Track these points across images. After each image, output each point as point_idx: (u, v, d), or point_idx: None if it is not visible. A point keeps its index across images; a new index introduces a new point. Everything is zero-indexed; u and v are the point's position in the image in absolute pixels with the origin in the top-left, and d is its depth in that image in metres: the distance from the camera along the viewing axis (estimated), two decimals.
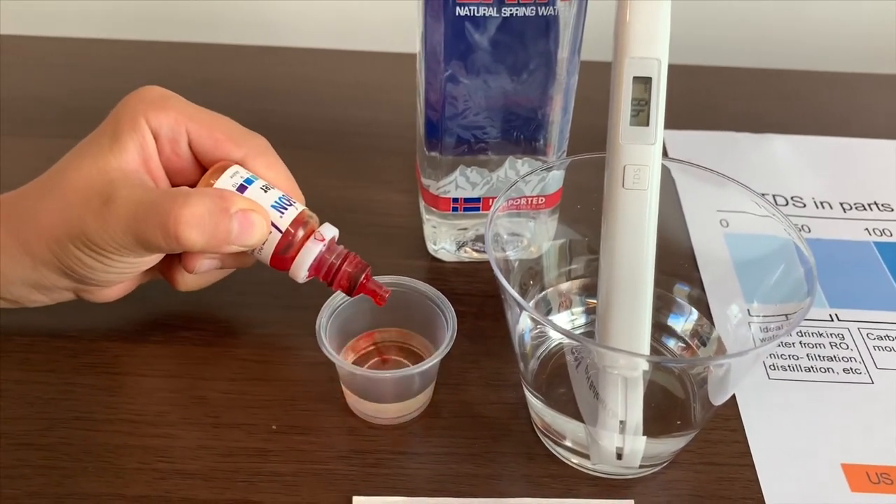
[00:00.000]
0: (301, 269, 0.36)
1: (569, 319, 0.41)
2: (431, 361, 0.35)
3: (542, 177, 0.40)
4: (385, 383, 0.36)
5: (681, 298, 0.40)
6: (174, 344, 0.40)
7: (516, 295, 0.32)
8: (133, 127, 0.36)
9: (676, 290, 0.40)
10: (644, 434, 0.34)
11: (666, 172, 0.37)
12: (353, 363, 0.39)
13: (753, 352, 0.31)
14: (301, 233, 0.36)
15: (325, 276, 0.37)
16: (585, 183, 0.37)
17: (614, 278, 0.34)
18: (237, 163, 0.37)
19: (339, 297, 0.38)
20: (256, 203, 0.35)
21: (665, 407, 0.36)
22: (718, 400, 0.35)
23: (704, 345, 0.39)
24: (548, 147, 0.42)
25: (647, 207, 0.33)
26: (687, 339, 0.39)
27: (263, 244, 0.36)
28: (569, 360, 0.37)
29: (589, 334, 0.38)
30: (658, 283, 0.34)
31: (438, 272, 0.46)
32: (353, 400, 0.37)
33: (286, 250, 0.36)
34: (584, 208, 0.39)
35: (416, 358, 0.39)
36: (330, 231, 0.37)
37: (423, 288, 0.38)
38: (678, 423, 0.37)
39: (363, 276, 0.36)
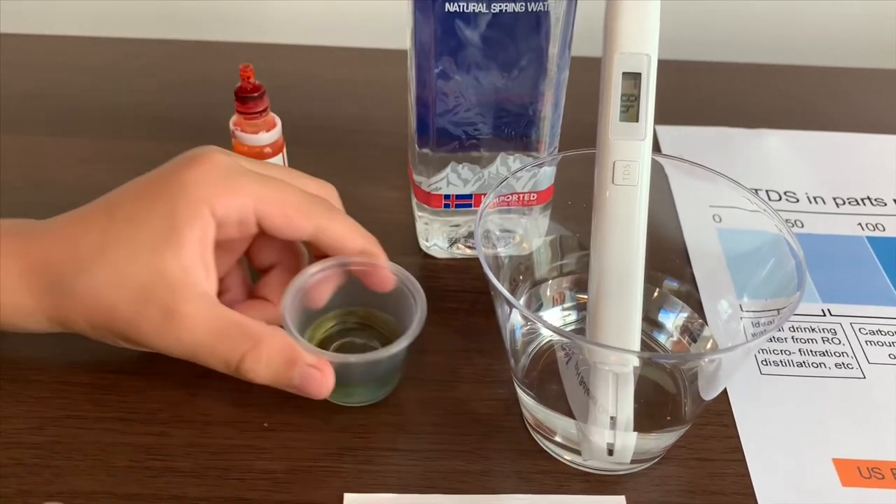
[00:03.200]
0: None
1: (560, 315, 0.41)
2: (398, 346, 0.34)
3: (534, 173, 0.40)
4: (353, 367, 0.35)
5: (672, 294, 0.40)
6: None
7: (506, 292, 0.32)
8: (195, 216, 0.34)
9: (667, 285, 0.40)
10: (635, 430, 0.34)
11: (659, 168, 0.38)
12: (319, 344, 0.38)
13: (744, 346, 0.31)
14: None
15: None
16: (577, 179, 0.37)
17: (605, 274, 0.34)
18: (311, 235, 0.36)
19: (304, 276, 0.37)
20: (322, 360, 0.34)
21: (656, 402, 0.36)
22: (709, 395, 0.35)
23: (695, 340, 0.39)
24: (539, 143, 0.42)
25: (638, 203, 0.33)
26: (677, 334, 0.39)
27: None
28: (559, 357, 0.37)
29: (580, 330, 0.38)
30: (649, 278, 0.34)
31: (431, 269, 0.45)
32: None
33: None
34: (575, 204, 0.39)
35: (385, 341, 0.37)
36: None
37: (392, 268, 0.37)
38: (669, 418, 0.37)
39: None
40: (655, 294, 0.40)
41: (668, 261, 0.40)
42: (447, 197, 0.43)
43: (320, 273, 0.37)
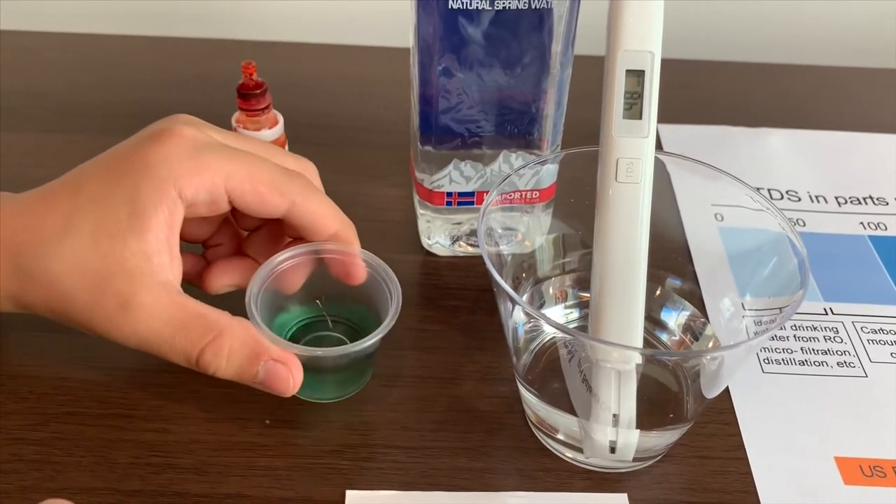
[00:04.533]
0: None
1: (562, 313, 0.41)
2: (371, 339, 0.33)
3: (536, 171, 0.40)
4: (322, 362, 0.34)
5: (674, 292, 0.40)
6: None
7: (509, 289, 0.32)
8: (160, 198, 0.32)
9: (670, 283, 0.40)
10: (637, 427, 0.34)
11: (661, 166, 0.38)
12: (287, 336, 0.37)
13: (746, 344, 0.31)
14: None
15: None
16: (579, 177, 0.37)
17: (607, 272, 0.34)
18: (285, 212, 0.34)
19: (271, 264, 0.35)
20: (289, 354, 0.33)
21: (658, 400, 0.36)
22: (712, 393, 0.35)
23: (697, 339, 0.39)
24: (542, 141, 0.42)
25: (641, 201, 0.33)
26: (680, 332, 0.39)
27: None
28: (562, 354, 0.37)
29: (582, 328, 0.38)
30: (651, 276, 0.34)
31: (433, 267, 0.45)
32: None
33: None
34: (577, 202, 0.39)
35: (357, 334, 0.36)
36: None
37: (366, 257, 0.36)
38: (671, 416, 0.37)
39: None
40: (658, 292, 0.40)
41: (670, 259, 0.40)
42: (449, 194, 0.43)
43: (290, 260, 0.35)
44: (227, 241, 0.38)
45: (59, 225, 0.33)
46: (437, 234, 0.46)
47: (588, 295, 0.35)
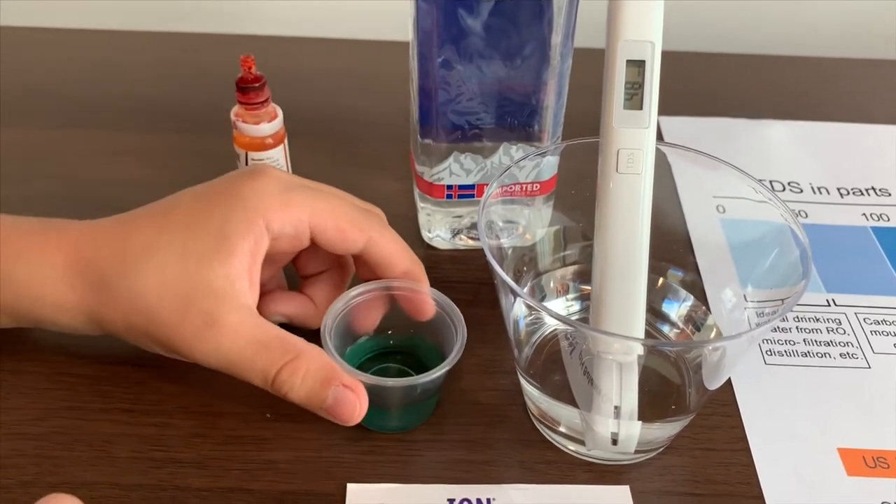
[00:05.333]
0: None
1: (563, 306, 0.40)
2: (438, 372, 0.34)
3: (537, 162, 0.40)
4: (387, 391, 0.35)
5: (676, 284, 0.40)
6: None
7: (510, 281, 0.32)
8: (248, 227, 0.34)
9: (671, 275, 0.40)
10: (639, 419, 0.34)
11: (662, 157, 0.37)
12: (356, 367, 0.37)
13: (748, 334, 0.31)
14: None
15: None
16: (580, 169, 0.37)
17: (608, 263, 0.34)
18: (362, 248, 0.36)
19: (345, 298, 0.37)
20: (358, 383, 0.34)
21: (660, 392, 0.36)
22: (714, 384, 0.34)
23: (699, 330, 0.39)
24: (542, 133, 0.42)
25: (641, 192, 0.33)
26: (681, 324, 0.39)
27: None
28: (563, 346, 0.37)
29: (584, 321, 0.38)
30: (653, 268, 0.34)
31: (433, 260, 0.45)
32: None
33: None
34: (578, 194, 0.39)
35: (423, 367, 0.36)
36: None
37: (433, 294, 0.37)
38: (673, 407, 0.37)
39: None
40: (659, 284, 0.40)
41: (671, 250, 0.40)
42: (449, 187, 0.43)
43: (362, 296, 0.37)
44: (273, 289, 0.39)
45: (145, 244, 0.34)
46: (438, 228, 0.45)
47: (589, 288, 0.35)
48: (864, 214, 0.49)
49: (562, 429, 0.36)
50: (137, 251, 0.34)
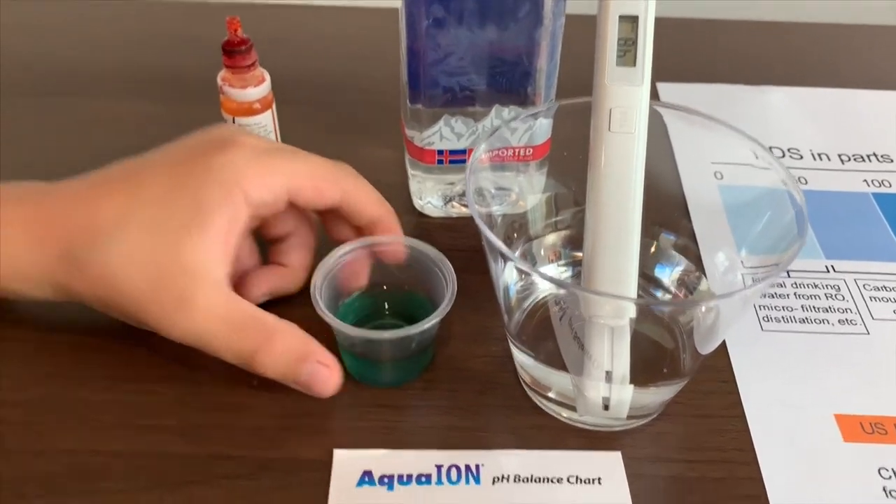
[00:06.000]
0: None
1: (555, 272, 0.40)
2: (429, 323, 0.34)
3: (529, 125, 0.39)
4: (382, 344, 0.35)
5: (670, 248, 0.39)
6: None
7: (500, 243, 0.31)
8: (224, 201, 0.33)
9: (665, 239, 0.39)
10: (631, 384, 0.33)
11: (658, 119, 0.36)
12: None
13: (741, 293, 0.31)
14: None
15: None
16: (573, 133, 0.36)
17: (600, 225, 0.33)
18: (337, 202, 0.36)
19: (333, 257, 0.36)
20: (331, 358, 0.34)
21: (653, 357, 0.36)
22: (707, 348, 0.34)
23: (693, 294, 0.38)
24: (535, 96, 0.41)
25: (635, 151, 0.32)
26: (675, 289, 0.38)
27: None
28: (553, 313, 0.36)
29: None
30: (646, 232, 0.33)
31: (425, 228, 0.45)
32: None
33: None
34: (571, 158, 0.38)
35: (415, 321, 0.36)
36: None
37: (421, 247, 0.37)
38: (665, 372, 0.36)
39: None
40: (653, 248, 0.39)
41: (666, 214, 0.39)
42: (440, 152, 0.42)
43: (350, 254, 0.37)
44: (245, 257, 0.38)
45: (116, 216, 0.33)
46: (429, 195, 0.45)
47: (580, 254, 0.34)
48: (865, 181, 0.48)
49: (553, 395, 0.35)
50: (108, 223, 0.33)
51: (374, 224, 0.37)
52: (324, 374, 0.33)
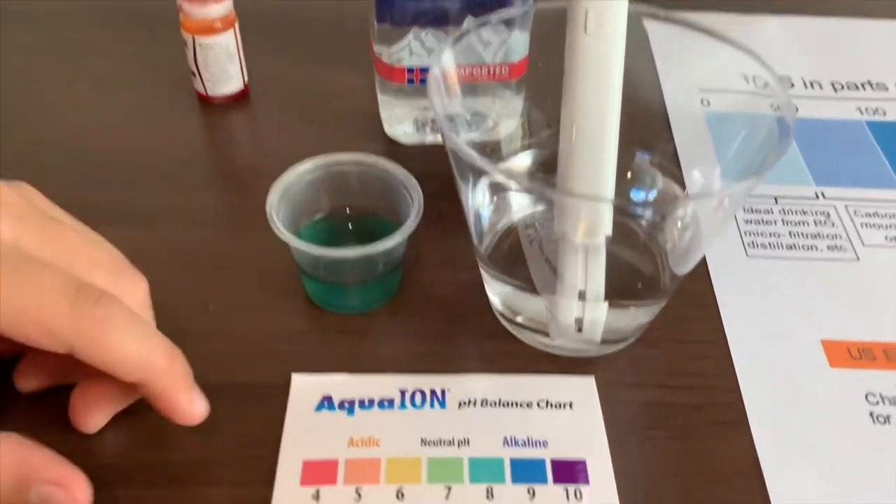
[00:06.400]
0: None
1: (527, 198, 0.38)
2: (395, 240, 0.32)
3: (504, 38, 0.37)
4: (345, 264, 0.33)
5: (650, 166, 0.37)
6: (103, 225, 0.37)
7: (471, 152, 0.29)
8: None
9: (644, 157, 0.37)
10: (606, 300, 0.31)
11: (636, 21, 0.34)
12: None
13: (720, 195, 0.28)
14: None
15: None
16: (551, 52, 0.33)
17: (576, 134, 0.31)
18: (65, 352, 0.26)
19: (291, 175, 0.34)
20: (72, 475, 0.26)
21: (628, 278, 0.34)
22: (685, 267, 0.32)
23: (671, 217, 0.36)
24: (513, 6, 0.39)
25: (612, 57, 0.30)
26: (652, 213, 0.36)
27: None
28: (523, 237, 0.34)
29: (550, 211, 0.35)
30: (624, 150, 0.31)
31: (396, 156, 0.41)
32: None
33: None
34: (546, 77, 0.35)
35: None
36: None
37: (386, 166, 0.35)
38: (641, 289, 0.34)
39: None
40: (630, 172, 0.36)
41: (645, 129, 0.37)
42: (410, 70, 0.40)
43: (311, 173, 0.34)
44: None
45: None
46: (402, 122, 0.42)
47: (555, 177, 0.32)
48: (858, 109, 0.46)
49: (524, 321, 0.33)
50: None
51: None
52: (58, 497, 0.25)
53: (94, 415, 0.30)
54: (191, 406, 0.28)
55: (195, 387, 0.29)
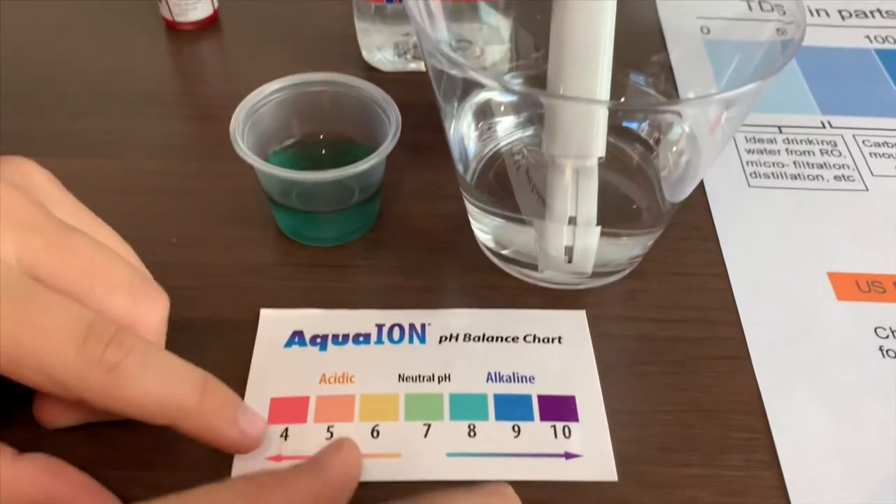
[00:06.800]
0: None
1: (513, 123, 0.35)
2: (371, 161, 0.29)
3: None
4: (318, 189, 0.31)
5: (644, 88, 0.34)
6: (66, 156, 0.35)
7: (456, 59, 0.26)
8: None
9: (637, 80, 0.34)
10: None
11: None
12: None
13: (716, 97, 0.26)
14: None
15: None
16: None
17: (568, 48, 0.28)
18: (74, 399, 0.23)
19: (258, 95, 0.32)
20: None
21: (621, 206, 0.31)
22: (682, 194, 0.30)
23: (667, 134, 0.34)
24: None
25: None
26: (646, 137, 0.34)
27: None
28: (509, 164, 0.32)
29: (538, 144, 0.32)
30: (618, 74, 0.29)
31: (376, 83, 0.39)
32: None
33: None
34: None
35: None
36: None
37: (361, 86, 0.32)
38: (635, 220, 0.32)
39: None
40: (623, 95, 0.34)
41: (640, 51, 0.34)
42: None
43: (280, 93, 0.32)
44: None
45: None
46: (381, 48, 0.40)
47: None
48: (867, 37, 0.43)
49: (511, 253, 0.31)
50: None
51: None
52: None
53: (58, 416, 0.26)
54: (241, 438, 0.24)
55: (242, 409, 0.25)
